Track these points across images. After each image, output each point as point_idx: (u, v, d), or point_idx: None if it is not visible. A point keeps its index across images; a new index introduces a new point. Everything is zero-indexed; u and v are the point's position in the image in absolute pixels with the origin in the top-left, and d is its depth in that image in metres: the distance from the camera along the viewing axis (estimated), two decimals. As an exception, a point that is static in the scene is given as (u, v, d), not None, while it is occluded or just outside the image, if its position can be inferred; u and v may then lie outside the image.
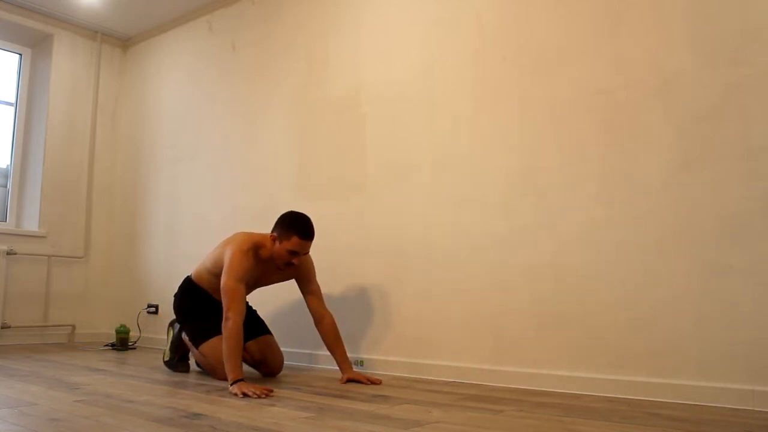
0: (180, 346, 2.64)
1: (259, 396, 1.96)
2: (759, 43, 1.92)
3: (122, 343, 3.57)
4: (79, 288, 4.08)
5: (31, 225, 3.95)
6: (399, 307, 2.67)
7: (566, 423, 1.60)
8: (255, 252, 2.37)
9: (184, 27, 3.98)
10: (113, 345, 3.62)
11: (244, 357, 2.44)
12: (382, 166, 2.81)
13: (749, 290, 1.86)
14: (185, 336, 2.60)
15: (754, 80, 1.92)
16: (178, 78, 3.98)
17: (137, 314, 3.85)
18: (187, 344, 2.59)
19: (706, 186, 1.97)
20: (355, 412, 1.72)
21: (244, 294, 2.29)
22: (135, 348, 3.68)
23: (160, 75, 4.12)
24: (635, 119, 2.13)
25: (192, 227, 3.69)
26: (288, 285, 2.63)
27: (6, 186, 4.07)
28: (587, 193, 2.21)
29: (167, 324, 2.90)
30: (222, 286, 2.26)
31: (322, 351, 2.84)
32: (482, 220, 2.46)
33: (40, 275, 3.88)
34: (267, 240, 2.40)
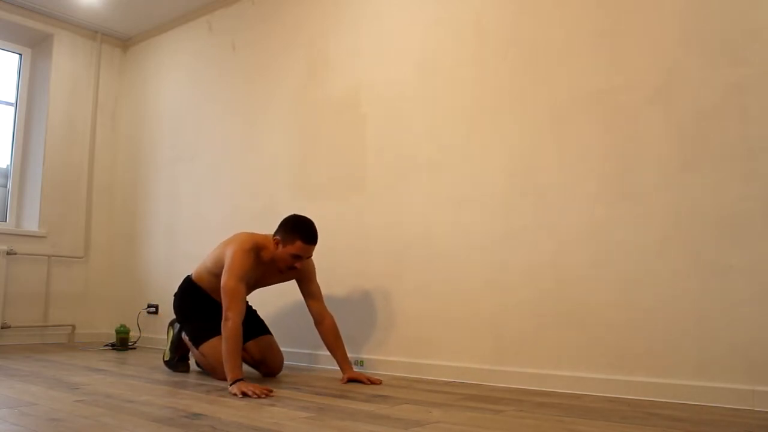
0: (180, 346, 2.65)
1: (259, 396, 1.95)
2: (759, 43, 1.92)
3: (122, 343, 3.57)
4: (79, 288, 4.08)
5: (31, 225, 3.95)
6: (399, 307, 2.67)
7: (566, 423, 1.60)
8: (256, 253, 2.36)
9: (184, 27, 3.99)
10: (113, 345, 3.62)
11: (244, 357, 2.44)
12: (382, 166, 2.81)
13: (749, 290, 1.86)
14: (185, 336, 2.60)
15: (754, 80, 1.92)
16: (178, 78, 3.98)
17: (137, 314, 3.85)
18: (187, 344, 2.60)
19: (706, 186, 1.97)
20: (355, 412, 1.72)
21: (245, 294, 2.28)
22: (135, 348, 3.68)
23: (160, 75, 4.12)
24: (635, 119, 2.13)
25: (192, 227, 3.69)
26: (288, 285, 2.63)
27: (6, 186, 4.07)
28: (587, 193, 2.21)
29: (167, 324, 2.90)
30: (222, 286, 2.25)
31: (322, 351, 2.84)
32: (482, 220, 2.46)
33: (40, 275, 3.88)
34: (269, 242, 2.39)
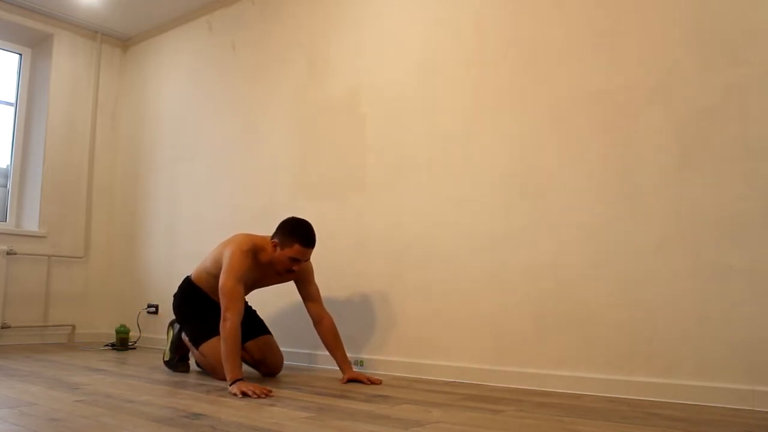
0: (180, 346, 2.65)
1: (259, 396, 1.95)
2: (759, 43, 1.92)
3: (122, 343, 3.57)
4: (79, 288, 4.08)
5: (31, 225, 3.95)
6: (399, 307, 2.67)
7: (566, 423, 1.60)
8: (254, 254, 2.36)
9: (184, 27, 3.98)
10: (113, 345, 3.62)
11: (244, 357, 2.44)
12: (382, 166, 2.81)
13: (749, 290, 1.86)
14: (185, 336, 2.60)
15: (754, 80, 1.92)
16: (178, 78, 3.98)
17: (137, 314, 3.85)
18: (187, 344, 2.60)
19: (706, 186, 1.97)
20: (355, 412, 1.72)
21: (243, 294, 2.28)
22: (135, 348, 3.68)
23: (160, 75, 4.12)
24: (635, 119, 2.13)
25: (192, 227, 3.69)
26: (288, 286, 2.63)
27: (6, 186, 4.07)
28: (587, 193, 2.21)
29: (167, 324, 2.90)
30: (220, 286, 2.25)
31: (322, 351, 2.84)
32: (482, 220, 2.46)
33: (40, 275, 3.88)
34: (267, 244, 2.39)
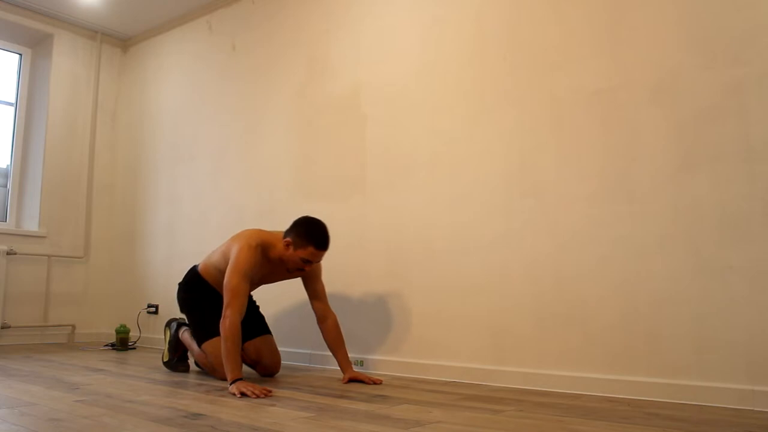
0: (178, 346, 2.64)
1: (258, 396, 1.95)
2: (759, 43, 1.92)
3: (122, 343, 3.57)
4: (79, 288, 4.08)
5: (31, 225, 3.95)
6: (398, 307, 2.67)
7: (566, 423, 1.60)
8: (263, 250, 2.33)
9: (184, 27, 3.99)
10: (113, 345, 3.62)
11: (242, 357, 2.44)
12: (382, 166, 2.81)
13: (749, 290, 1.86)
14: (182, 335, 2.59)
15: (754, 80, 1.92)
16: (178, 78, 3.98)
17: (137, 314, 3.85)
18: (185, 344, 2.59)
19: (706, 186, 1.97)
20: (355, 412, 1.72)
21: (247, 292, 2.26)
22: (135, 348, 3.68)
23: (160, 75, 4.12)
24: (634, 119, 2.13)
25: (192, 227, 3.69)
26: (289, 286, 2.63)
27: (6, 186, 4.07)
28: (587, 193, 2.21)
29: (164, 325, 2.90)
30: (225, 282, 2.23)
31: (322, 351, 2.84)
32: (482, 220, 2.46)
33: (40, 275, 3.88)
34: (277, 240, 2.36)
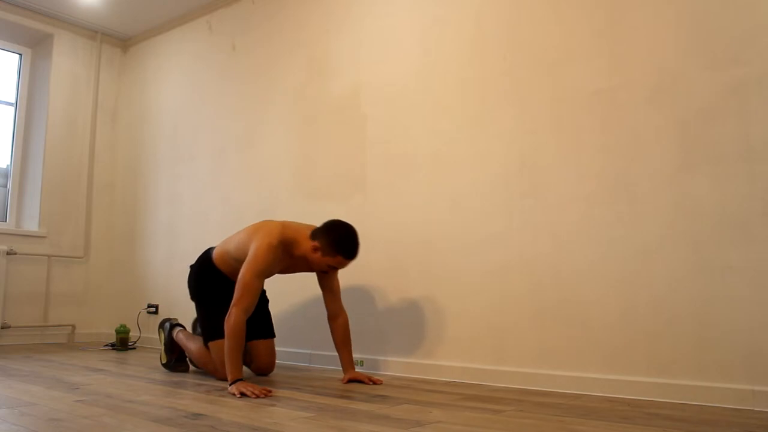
0: (174, 348, 2.63)
1: (258, 396, 1.95)
2: (759, 43, 1.92)
3: (122, 343, 3.57)
4: (79, 288, 4.08)
5: (31, 225, 3.95)
6: (398, 307, 2.67)
7: (566, 423, 1.60)
8: (284, 247, 2.25)
9: (184, 27, 3.99)
10: (113, 345, 3.62)
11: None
12: (382, 166, 2.81)
13: (749, 290, 1.86)
14: (177, 335, 2.59)
15: (754, 80, 1.92)
16: (178, 78, 3.98)
17: (137, 314, 3.85)
18: (180, 344, 2.58)
19: (706, 186, 1.97)
20: (355, 412, 1.72)
21: (259, 291, 2.19)
22: (135, 348, 3.68)
23: (160, 75, 4.12)
24: (634, 119, 2.13)
25: (192, 227, 3.69)
26: (289, 286, 2.63)
27: (6, 186, 4.07)
28: (587, 193, 2.21)
29: (157, 326, 2.88)
30: (240, 276, 2.17)
31: (322, 351, 2.84)
32: (482, 220, 2.46)
33: (40, 275, 3.88)
34: (303, 238, 2.26)
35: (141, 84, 4.26)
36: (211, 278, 2.48)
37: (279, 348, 3.07)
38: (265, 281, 2.64)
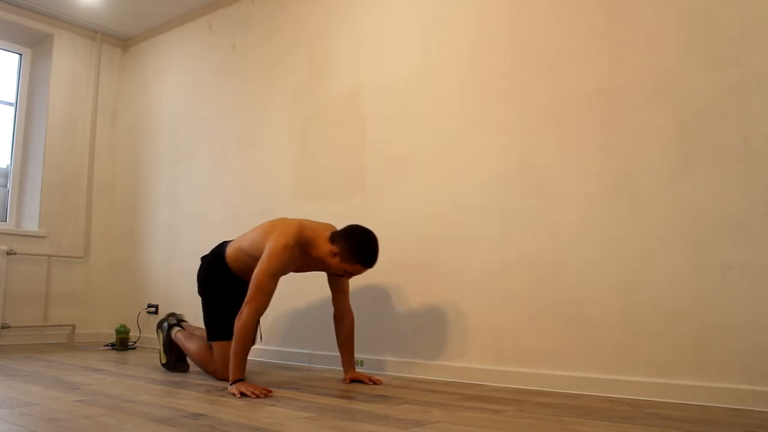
0: (173, 348, 2.62)
1: (258, 396, 1.95)
2: (759, 43, 1.92)
3: (122, 343, 3.57)
4: (79, 288, 4.08)
5: (31, 225, 3.95)
6: (398, 307, 2.67)
7: (566, 423, 1.60)
8: (301, 248, 2.21)
9: (184, 27, 3.99)
10: (113, 345, 3.62)
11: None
12: (382, 166, 2.81)
13: (749, 290, 1.86)
14: (175, 335, 2.59)
15: (754, 80, 1.92)
16: (178, 78, 3.98)
17: (137, 314, 3.85)
18: (179, 344, 2.58)
19: (706, 186, 1.97)
20: (355, 412, 1.72)
21: (272, 291, 2.16)
22: (135, 348, 3.68)
23: (160, 75, 4.12)
24: (634, 119, 2.13)
25: (192, 227, 3.69)
26: (289, 286, 2.63)
27: (6, 186, 4.07)
28: (587, 193, 2.21)
29: (155, 327, 2.86)
30: (254, 274, 2.14)
31: (322, 351, 2.85)
32: (482, 220, 2.46)
33: (40, 275, 3.88)
34: (322, 241, 2.21)
35: (141, 84, 4.25)
36: (221, 276, 2.46)
37: (279, 348, 3.07)
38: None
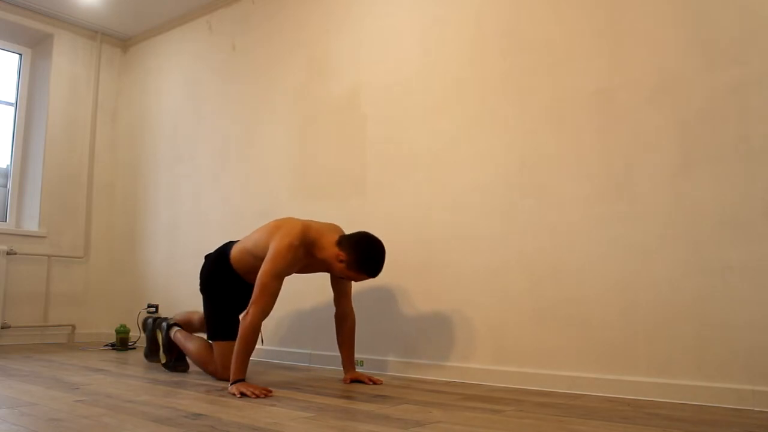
0: (172, 348, 2.62)
1: (258, 396, 1.95)
2: (759, 43, 1.92)
3: (122, 343, 3.57)
4: (79, 288, 4.08)
5: (31, 225, 3.95)
6: (398, 307, 2.67)
7: (566, 423, 1.60)
8: (305, 248, 2.19)
9: (184, 27, 3.99)
10: (113, 345, 3.62)
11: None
12: (382, 166, 2.81)
13: (749, 290, 1.86)
14: (174, 335, 2.59)
15: (754, 80, 1.92)
16: (178, 78, 3.98)
17: (137, 314, 3.85)
18: (178, 344, 2.58)
19: (706, 186, 1.97)
20: (355, 412, 1.72)
21: (277, 291, 2.15)
22: (135, 348, 3.67)
23: (160, 75, 4.12)
24: (634, 119, 2.13)
25: (192, 227, 3.69)
26: (289, 286, 2.61)
27: (6, 186, 4.07)
28: (587, 193, 2.21)
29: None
30: (259, 275, 2.13)
31: (322, 351, 2.85)
32: (482, 220, 2.46)
33: (40, 275, 3.88)
34: (328, 243, 2.19)
35: (141, 84, 4.25)
36: (224, 276, 2.45)
37: (279, 348, 3.07)
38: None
